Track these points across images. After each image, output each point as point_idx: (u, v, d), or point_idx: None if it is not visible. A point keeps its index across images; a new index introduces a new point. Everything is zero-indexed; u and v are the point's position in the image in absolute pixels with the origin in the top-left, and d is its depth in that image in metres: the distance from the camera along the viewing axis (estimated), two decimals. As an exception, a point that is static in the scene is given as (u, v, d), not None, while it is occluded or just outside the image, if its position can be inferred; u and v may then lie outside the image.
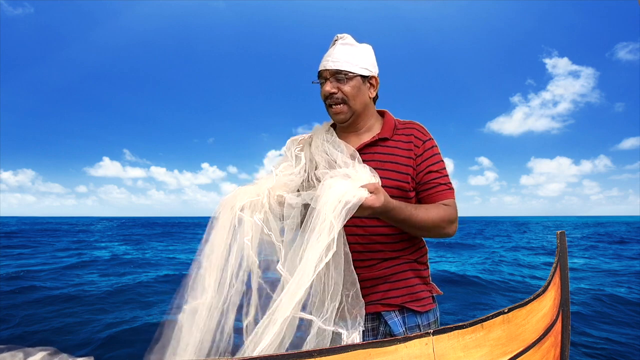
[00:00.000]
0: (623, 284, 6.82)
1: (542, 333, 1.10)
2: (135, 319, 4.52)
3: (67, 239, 19.36)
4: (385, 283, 1.13)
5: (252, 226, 0.96)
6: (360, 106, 1.15)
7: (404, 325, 1.12)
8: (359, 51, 1.13)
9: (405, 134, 1.17)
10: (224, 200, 1.01)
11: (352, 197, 0.89)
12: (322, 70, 1.13)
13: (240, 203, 0.96)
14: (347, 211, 0.89)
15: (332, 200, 0.89)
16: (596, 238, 20.22)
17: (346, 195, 0.90)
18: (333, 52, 1.12)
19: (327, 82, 1.12)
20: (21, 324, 4.26)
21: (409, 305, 1.12)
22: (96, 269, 8.79)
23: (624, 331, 4.12)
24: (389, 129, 1.17)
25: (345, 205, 0.89)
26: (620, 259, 10.92)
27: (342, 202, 0.89)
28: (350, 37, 1.15)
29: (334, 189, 0.92)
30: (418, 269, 1.17)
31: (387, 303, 1.12)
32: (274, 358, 0.65)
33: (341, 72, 1.10)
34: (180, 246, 15.87)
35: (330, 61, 1.11)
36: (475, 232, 28.00)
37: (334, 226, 0.87)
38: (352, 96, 1.12)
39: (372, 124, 1.21)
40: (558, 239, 1.33)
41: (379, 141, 1.15)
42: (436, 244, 13.98)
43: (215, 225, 0.97)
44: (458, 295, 6.02)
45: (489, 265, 9.41)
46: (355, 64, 1.11)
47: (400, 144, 1.15)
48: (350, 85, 1.11)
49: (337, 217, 0.88)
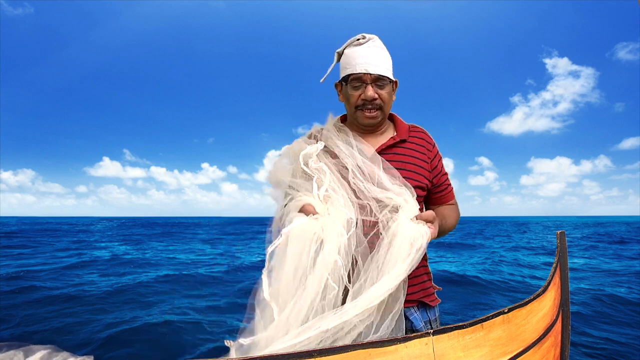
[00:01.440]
0: (623, 284, 6.82)
1: (542, 333, 1.10)
2: (135, 319, 4.52)
3: (67, 239, 19.36)
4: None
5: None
6: (388, 111, 1.19)
7: (422, 320, 1.15)
8: (388, 56, 1.14)
9: (417, 136, 1.21)
10: (296, 231, 0.94)
11: (422, 241, 0.96)
12: (364, 73, 1.09)
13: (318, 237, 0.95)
14: (419, 257, 0.96)
15: (404, 247, 0.95)
16: (596, 238, 20.21)
17: (416, 240, 0.96)
18: (369, 54, 1.09)
19: (369, 87, 1.10)
20: (21, 324, 4.26)
21: (425, 300, 1.17)
22: (96, 269, 8.78)
23: (624, 331, 4.12)
24: (404, 131, 1.20)
25: (417, 252, 0.95)
26: (620, 259, 10.91)
27: (414, 248, 0.95)
28: (379, 39, 1.13)
29: (402, 232, 0.97)
30: (425, 265, 1.22)
31: (408, 299, 1.13)
32: (274, 358, 0.65)
33: (383, 78, 1.10)
34: (180, 246, 15.86)
35: (372, 65, 1.08)
36: (475, 232, 28.00)
37: (401, 273, 0.92)
38: (387, 102, 1.14)
39: (388, 126, 1.24)
40: (558, 239, 1.33)
41: (399, 142, 1.18)
42: (436, 244, 13.98)
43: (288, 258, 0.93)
44: (458, 295, 6.02)
45: (489, 265, 9.41)
46: (389, 69, 1.12)
47: (415, 146, 1.19)
48: (387, 91, 1.13)
49: (407, 268, 0.93)
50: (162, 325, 4.25)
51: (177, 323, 4.31)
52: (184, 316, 4.68)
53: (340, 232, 0.95)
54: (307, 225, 0.95)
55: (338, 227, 0.96)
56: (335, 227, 0.95)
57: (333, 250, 0.92)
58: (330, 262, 0.91)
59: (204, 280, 7.26)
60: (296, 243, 0.93)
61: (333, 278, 0.91)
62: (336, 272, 0.92)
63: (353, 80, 1.11)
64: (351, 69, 1.10)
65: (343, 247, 0.94)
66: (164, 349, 3.63)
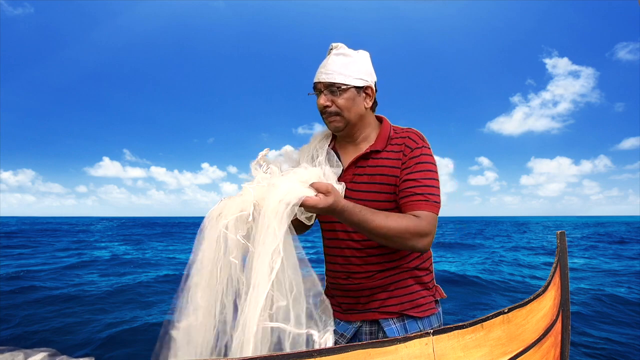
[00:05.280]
0: (623, 284, 6.82)
1: (542, 333, 1.10)
2: (135, 319, 4.52)
3: (67, 239, 19.37)
4: (384, 292, 1.13)
5: (237, 244, 0.93)
6: (355, 117, 1.13)
7: (403, 332, 1.11)
8: (353, 61, 1.10)
9: (398, 143, 1.13)
10: (209, 213, 0.97)
11: (293, 198, 0.88)
12: (316, 82, 1.11)
13: (224, 220, 0.93)
14: (289, 212, 0.87)
15: (273, 202, 0.88)
16: (596, 238, 20.22)
17: (288, 195, 0.88)
18: (327, 63, 1.10)
19: (321, 95, 1.10)
20: (21, 324, 4.26)
21: (409, 312, 1.12)
22: (96, 269, 8.79)
23: (624, 331, 4.12)
24: (382, 140, 1.14)
25: (287, 207, 0.87)
26: (620, 259, 10.92)
27: (283, 203, 0.87)
28: (345, 46, 1.12)
29: (277, 188, 0.90)
30: (419, 276, 1.15)
31: (385, 311, 1.12)
32: (274, 358, 0.65)
33: (334, 85, 1.08)
34: (180, 246, 15.87)
35: (324, 73, 1.09)
36: (475, 232, 28.01)
37: (276, 231, 0.85)
38: (346, 109, 1.10)
39: (369, 133, 1.18)
40: (558, 239, 1.33)
41: (372, 154, 1.13)
42: (436, 244, 13.99)
43: (203, 241, 0.95)
44: (458, 295, 6.02)
45: (489, 265, 9.41)
46: (349, 75, 1.08)
47: (391, 155, 1.12)
48: (344, 97, 1.09)
49: (280, 221, 0.86)
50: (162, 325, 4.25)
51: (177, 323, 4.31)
52: (184, 316, 4.68)
53: (245, 206, 0.94)
54: (218, 206, 0.97)
55: (242, 203, 0.95)
56: (240, 203, 0.95)
57: (230, 224, 0.93)
58: (227, 237, 0.92)
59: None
60: (208, 224, 0.97)
61: (236, 256, 0.92)
62: (239, 249, 0.92)
63: (314, 89, 1.14)
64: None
65: (240, 220, 0.93)
66: (164, 349, 3.62)
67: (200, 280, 0.93)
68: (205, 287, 0.93)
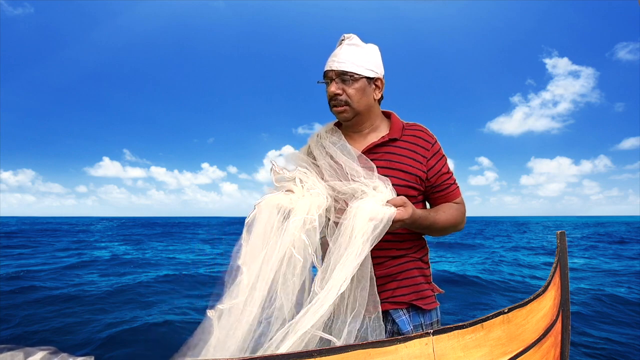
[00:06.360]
0: (623, 284, 6.82)
1: (542, 333, 1.10)
2: (135, 319, 4.52)
3: (67, 239, 19.36)
4: (394, 281, 1.13)
5: (305, 245, 0.94)
6: (364, 108, 1.15)
7: (410, 324, 1.12)
8: (365, 52, 1.12)
9: (412, 135, 1.17)
10: (265, 201, 0.99)
11: (382, 217, 0.92)
12: (328, 70, 1.13)
13: (303, 216, 0.96)
14: (379, 233, 0.92)
15: (360, 222, 0.92)
16: (596, 238, 20.21)
17: (376, 215, 0.92)
18: (339, 52, 1.12)
19: (332, 83, 1.12)
20: (21, 324, 4.26)
21: (417, 303, 1.13)
22: (96, 269, 8.78)
23: (624, 331, 4.12)
24: (397, 129, 1.17)
25: (375, 229, 0.92)
26: (620, 259, 10.91)
27: (372, 224, 0.92)
28: (357, 37, 1.14)
29: (362, 209, 0.94)
30: (422, 268, 1.19)
31: (396, 301, 1.12)
32: (274, 358, 0.65)
33: (347, 74, 1.10)
34: (180, 246, 15.86)
35: (336, 62, 1.11)
36: (475, 232, 28.01)
37: (360, 250, 0.89)
38: (356, 98, 1.12)
39: (378, 124, 1.21)
40: (558, 239, 1.33)
41: (389, 142, 1.16)
42: (436, 244, 13.98)
43: (256, 226, 0.97)
44: (458, 295, 6.02)
45: (489, 265, 9.41)
46: (361, 65, 1.10)
47: (408, 145, 1.16)
48: (355, 87, 1.11)
49: (366, 241, 0.90)
50: (162, 325, 4.24)
51: (177, 323, 4.31)
52: (184, 316, 4.68)
53: (310, 210, 0.97)
54: (275, 197, 1.00)
55: (307, 206, 0.98)
56: (305, 205, 0.98)
57: (298, 223, 0.95)
58: (294, 233, 0.94)
59: (204, 280, 7.25)
60: (264, 211, 0.99)
61: (298, 252, 0.94)
62: (302, 248, 0.94)
63: (324, 77, 1.15)
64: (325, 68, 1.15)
65: (310, 224, 0.96)
66: (164, 349, 3.63)
67: (257, 267, 0.94)
68: (260, 277, 0.94)
